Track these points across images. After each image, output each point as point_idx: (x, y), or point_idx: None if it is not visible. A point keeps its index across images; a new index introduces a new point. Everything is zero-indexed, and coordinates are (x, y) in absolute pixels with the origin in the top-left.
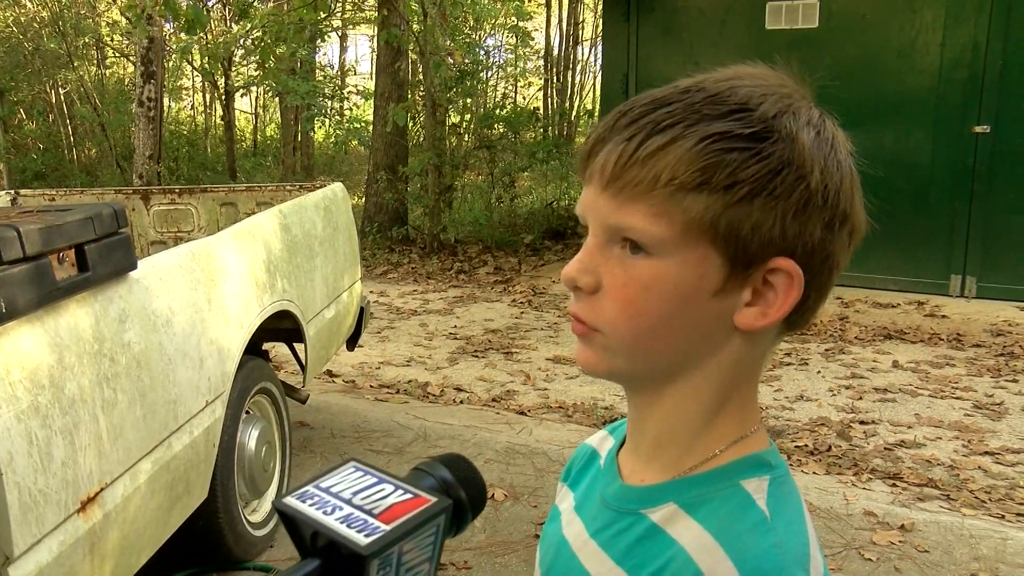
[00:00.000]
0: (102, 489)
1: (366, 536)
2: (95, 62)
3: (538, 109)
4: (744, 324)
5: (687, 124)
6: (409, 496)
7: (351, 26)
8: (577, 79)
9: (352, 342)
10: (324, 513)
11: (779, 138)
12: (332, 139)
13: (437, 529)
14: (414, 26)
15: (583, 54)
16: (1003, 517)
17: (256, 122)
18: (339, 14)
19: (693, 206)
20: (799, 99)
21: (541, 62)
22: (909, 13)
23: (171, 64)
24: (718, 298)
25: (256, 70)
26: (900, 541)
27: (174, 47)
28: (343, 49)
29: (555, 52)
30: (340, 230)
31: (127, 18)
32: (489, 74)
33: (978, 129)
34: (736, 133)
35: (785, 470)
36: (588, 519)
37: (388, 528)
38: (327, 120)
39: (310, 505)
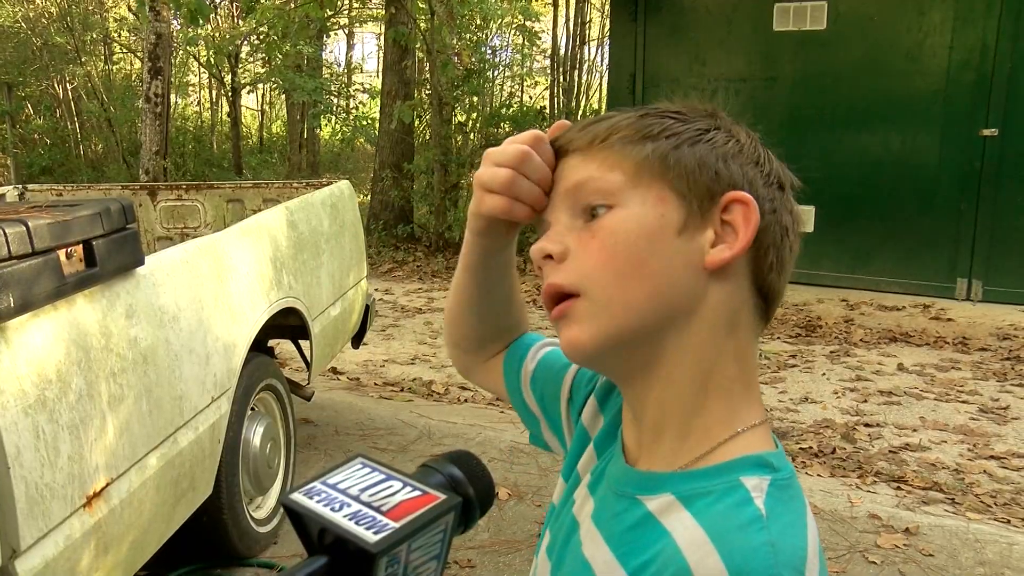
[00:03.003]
0: (108, 484)
1: (375, 533)
2: (102, 58)
3: (544, 108)
4: (713, 262)
5: (625, 113)
6: (418, 493)
7: (358, 24)
8: (584, 79)
9: (357, 340)
10: (332, 510)
11: (707, 119)
12: (338, 136)
13: (446, 527)
14: (421, 24)
15: (590, 54)
16: (1008, 522)
17: (262, 119)
18: (346, 11)
19: (641, 151)
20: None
21: (547, 61)
22: (917, 15)
23: (178, 60)
24: (683, 238)
25: (263, 67)
26: (905, 544)
27: (180, 42)
28: (349, 47)
29: (562, 51)
30: (346, 227)
31: (132, 12)
32: (496, 73)
33: (986, 132)
34: (669, 112)
35: (789, 475)
36: (597, 499)
37: (397, 525)
38: (333, 117)
39: (317, 502)
